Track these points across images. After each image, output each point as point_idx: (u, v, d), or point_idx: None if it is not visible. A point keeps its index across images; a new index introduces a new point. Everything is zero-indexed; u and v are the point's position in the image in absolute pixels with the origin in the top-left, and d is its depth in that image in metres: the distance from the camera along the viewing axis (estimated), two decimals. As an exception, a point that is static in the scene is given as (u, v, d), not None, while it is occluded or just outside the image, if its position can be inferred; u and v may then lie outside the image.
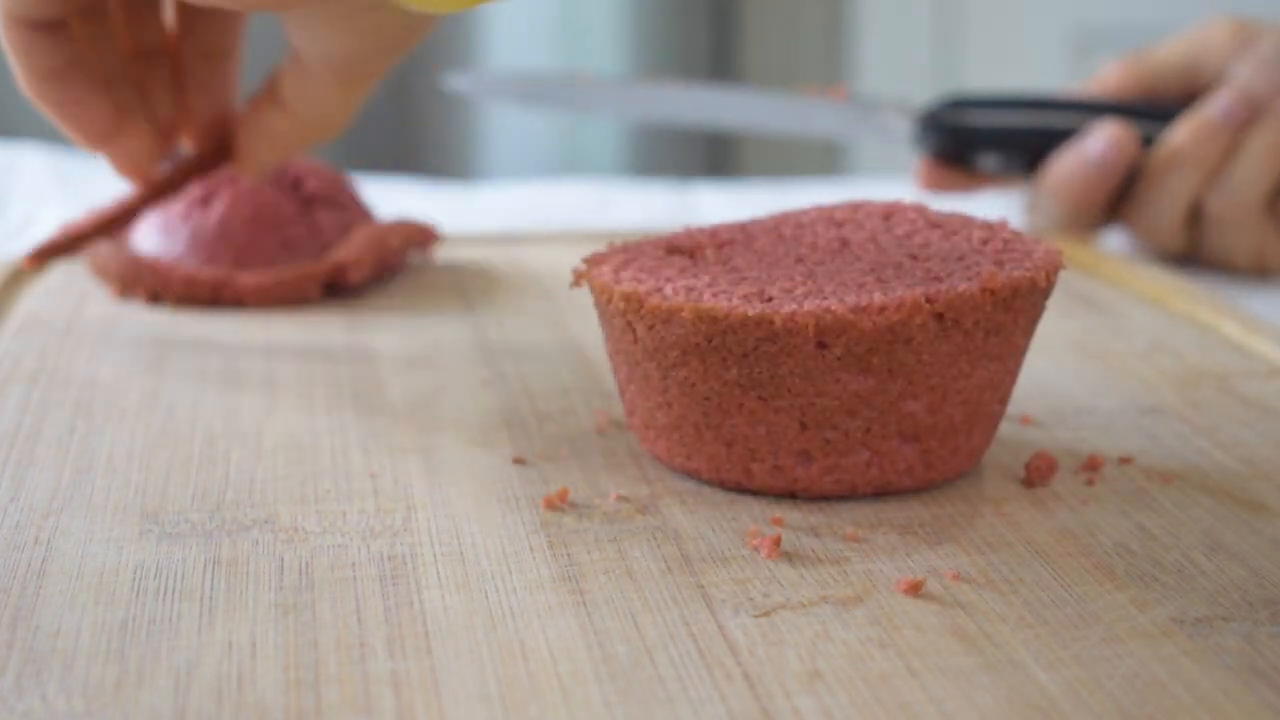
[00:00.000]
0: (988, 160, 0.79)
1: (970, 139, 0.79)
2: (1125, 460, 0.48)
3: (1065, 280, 0.61)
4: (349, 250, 0.65)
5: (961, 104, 0.79)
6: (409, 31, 0.53)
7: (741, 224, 0.50)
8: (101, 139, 0.58)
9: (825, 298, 0.43)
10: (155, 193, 0.61)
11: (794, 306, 0.42)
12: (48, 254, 0.61)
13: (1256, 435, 0.50)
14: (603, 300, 0.45)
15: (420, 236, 0.69)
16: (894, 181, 0.99)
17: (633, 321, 0.44)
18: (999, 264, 0.45)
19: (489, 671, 0.35)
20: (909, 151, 0.81)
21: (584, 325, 0.61)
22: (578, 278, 0.46)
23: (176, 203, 0.66)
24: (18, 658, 0.35)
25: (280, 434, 0.49)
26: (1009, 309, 0.44)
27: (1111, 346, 0.60)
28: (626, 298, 0.44)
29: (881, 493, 0.45)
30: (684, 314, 0.43)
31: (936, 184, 0.81)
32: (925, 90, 1.76)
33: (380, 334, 0.60)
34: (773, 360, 0.42)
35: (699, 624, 0.37)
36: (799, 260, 0.46)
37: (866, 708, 0.33)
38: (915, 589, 0.39)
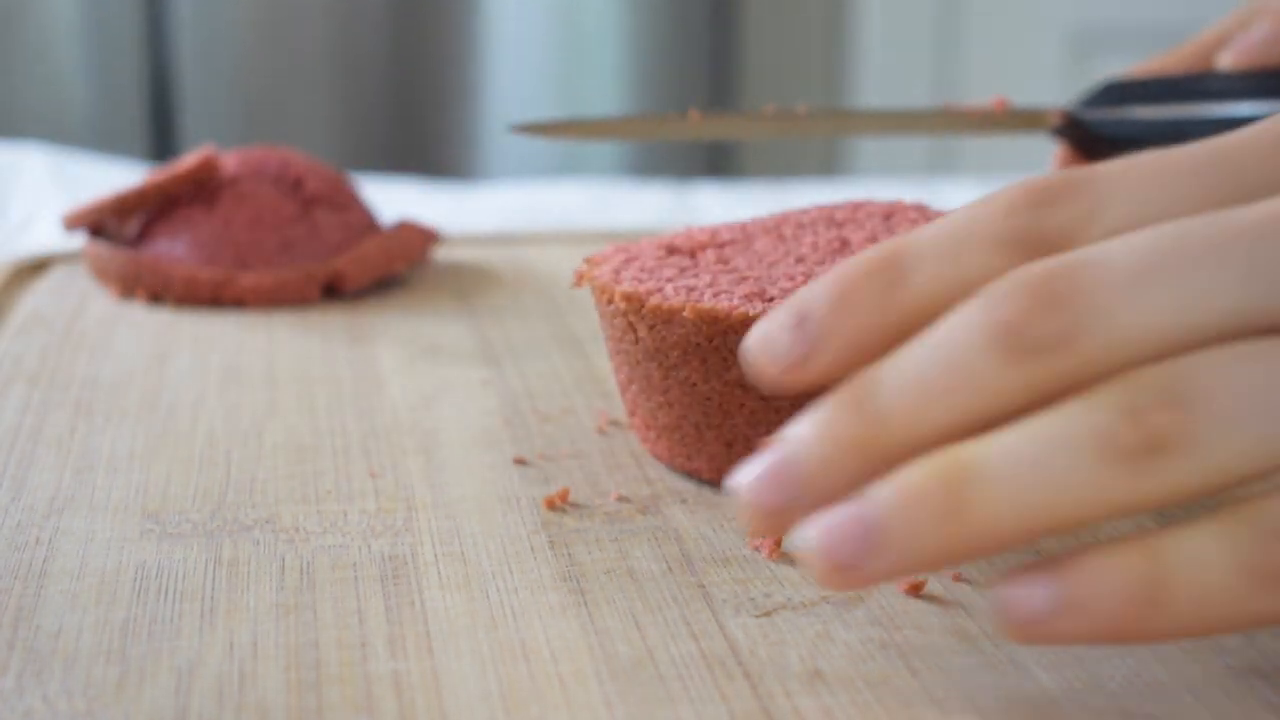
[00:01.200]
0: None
1: (1126, 133, 0.68)
2: (1125, 460, 0.48)
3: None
4: (351, 261, 0.64)
5: (1116, 95, 0.69)
6: None
7: (741, 224, 0.50)
8: None
9: (826, 298, 0.43)
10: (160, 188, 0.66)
11: (795, 307, 0.42)
12: (85, 218, 0.66)
13: (1257, 435, 0.50)
14: (603, 301, 0.45)
15: (424, 245, 0.68)
16: (894, 181, 0.99)
17: (634, 322, 0.44)
18: (999, 264, 0.45)
19: (490, 671, 0.35)
20: (1051, 143, 0.72)
21: (584, 325, 0.61)
22: (578, 278, 0.46)
23: (177, 203, 0.66)
24: (19, 658, 0.35)
25: (280, 434, 0.49)
26: (1009, 309, 0.43)
27: (1112, 347, 0.60)
28: (627, 298, 0.44)
29: (882, 493, 0.45)
30: (685, 314, 0.43)
31: None
32: (925, 93, 1.77)
33: (380, 334, 0.60)
34: (773, 360, 0.42)
35: (700, 624, 0.37)
36: (799, 260, 0.46)
37: (867, 708, 0.33)
38: (916, 589, 0.39)
